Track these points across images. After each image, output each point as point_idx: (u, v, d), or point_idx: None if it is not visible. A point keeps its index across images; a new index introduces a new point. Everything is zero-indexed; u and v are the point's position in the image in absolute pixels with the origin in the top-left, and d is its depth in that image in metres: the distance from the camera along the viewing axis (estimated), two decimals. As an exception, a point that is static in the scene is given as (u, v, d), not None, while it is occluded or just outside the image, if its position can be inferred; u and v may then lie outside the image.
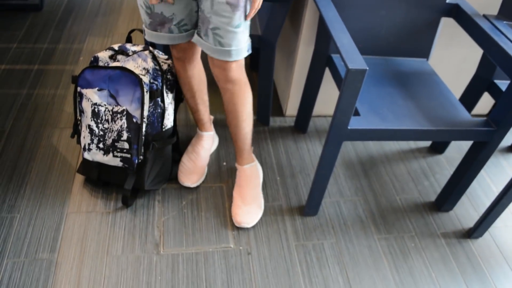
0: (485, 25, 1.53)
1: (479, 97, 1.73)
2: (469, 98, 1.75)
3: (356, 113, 1.40)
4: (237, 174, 1.58)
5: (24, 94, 1.93)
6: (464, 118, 1.44)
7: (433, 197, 1.70)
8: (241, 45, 1.17)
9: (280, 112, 2.01)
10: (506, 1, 1.62)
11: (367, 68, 1.20)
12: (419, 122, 1.39)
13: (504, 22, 1.58)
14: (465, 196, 1.72)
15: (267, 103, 1.85)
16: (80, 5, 2.66)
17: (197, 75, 1.48)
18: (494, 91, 1.66)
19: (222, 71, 1.24)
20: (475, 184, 1.77)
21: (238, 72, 1.26)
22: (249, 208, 1.48)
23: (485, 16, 1.59)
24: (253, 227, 1.49)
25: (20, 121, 1.79)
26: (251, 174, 1.55)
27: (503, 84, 1.63)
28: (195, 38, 1.22)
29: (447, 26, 1.77)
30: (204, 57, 1.42)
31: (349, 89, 1.24)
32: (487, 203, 1.70)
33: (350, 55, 1.26)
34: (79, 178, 1.58)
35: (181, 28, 1.25)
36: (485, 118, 1.43)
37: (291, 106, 1.95)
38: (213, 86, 1.64)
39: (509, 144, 2.01)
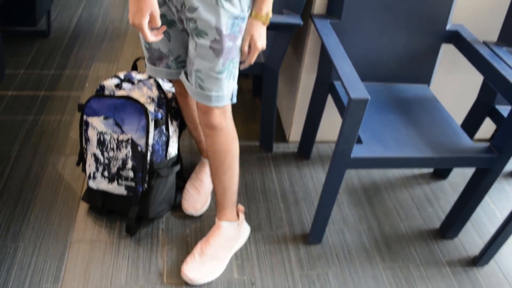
0: (485, 51, 1.54)
1: (480, 123, 1.74)
2: (471, 124, 1.76)
3: (359, 141, 1.41)
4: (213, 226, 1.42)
5: (30, 120, 1.95)
6: (466, 144, 1.44)
7: (437, 224, 1.69)
8: (223, 91, 1.13)
9: (283, 138, 2.02)
10: (506, 28, 1.64)
11: (369, 98, 1.21)
12: (422, 150, 1.40)
13: (504, 48, 1.60)
14: (470, 223, 1.71)
15: (270, 129, 1.86)
16: (86, 32, 2.71)
17: None
18: (496, 117, 1.67)
19: (203, 114, 1.18)
20: (479, 210, 1.76)
21: (221, 119, 1.19)
22: (202, 264, 1.34)
23: (485, 43, 1.60)
24: (258, 255, 1.48)
25: (26, 147, 1.81)
26: (225, 234, 1.39)
27: (504, 110, 1.64)
28: (181, 76, 1.19)
29: (448, 52, 1.79)
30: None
31: (351, 118, 1.25)
32: (492, 230, 1.69)
33: (352, 84, 1.28)
34: (84, 206, 1.59)
35: (178, 64, 1.26)
36: (487, 145, 1.43)
37: (294, 132, 1.96)
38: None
39: (513, 168, 2.01)
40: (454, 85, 1.93)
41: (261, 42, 1.13)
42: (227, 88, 1.13)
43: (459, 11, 1.67)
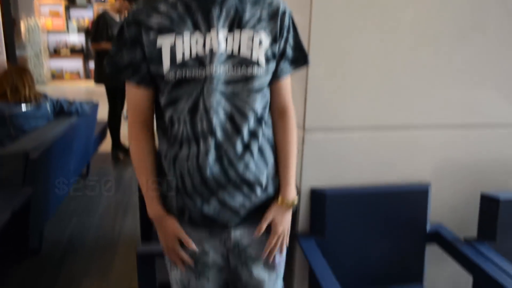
0: (468, 250, 1.57)
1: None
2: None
3: None
4: None
5: None
6: None
7: None
8: None
9: None
10: (482, 224, 1.70)
11: None
12: None
13: (486, 243, 1.63)
14: None
15: None
16: (78, 245, 2.71)
17: None
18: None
19: None
20: None
21: None
22: None
23: (466, 240, 1.64)
24: None
25: None
26: None
27: None
28: None
29: (435, 247, 1.79)
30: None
31: None
32: None
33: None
34: None
35: None
36: None
37: None
38: None
39: None
40: (447, 278, 1.91)
41: (283, 226, 1.18)
42: (281, 287, 1.28)
43: (436, 210, 1.74)
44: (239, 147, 1.08)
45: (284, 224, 1.18)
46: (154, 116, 1.16)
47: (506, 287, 1.36)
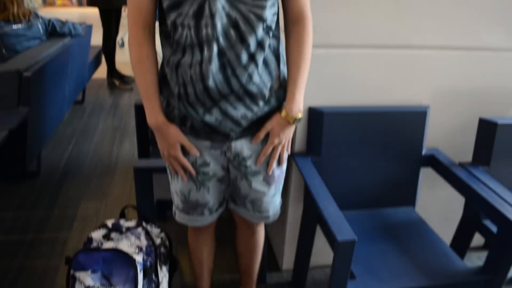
0: (462, 173, 1.59)
1: (470, 240, 1.74)
2: (461, 242, 1.75)
3: (352, 276, 1.38)
4: None
5: (15, 267, 1.89)
6: (459, 268, 1.44)
7: None
8: (276, 207, 1.32)
9: (276, 267, 1.99)
10: (478, 147, 1.70)
11: (356, 239, 1.22)
12: (414, 279, 1.38)
13: (480, 167, 1.65)
14: None
15: (262, 259, 1.83)
16: (76, 169, 2.74)
17: (209, 244, 1.50)
18: (485, 233, 1.67)
19: (251, 228, 1.42)
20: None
21: (262, 227, 1.45)
22: None
23: (461, 164, 1.66)
24: None
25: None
26: None
27: (493, 225, 1.63)
28: (231, 205, 1.34)
29: (429, 172, 1.82)
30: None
31: (341, 260, 1.25)
32: None
33: (338, 226, 1.29)
34: None
35: (212, 211, 1.32)
36: (481, 266, 1.42)
37: (287, 260, 1.93)
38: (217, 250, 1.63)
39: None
40: (439, 202, 1.96)
41: (281, 138, 1.17)
42: (279, 202, 1.32)
43: (432, 135, 1.74)
44: (244, 57, 1.03)
45: (282, 136, 1.17)
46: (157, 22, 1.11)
47: (496, 207, 1.38)
